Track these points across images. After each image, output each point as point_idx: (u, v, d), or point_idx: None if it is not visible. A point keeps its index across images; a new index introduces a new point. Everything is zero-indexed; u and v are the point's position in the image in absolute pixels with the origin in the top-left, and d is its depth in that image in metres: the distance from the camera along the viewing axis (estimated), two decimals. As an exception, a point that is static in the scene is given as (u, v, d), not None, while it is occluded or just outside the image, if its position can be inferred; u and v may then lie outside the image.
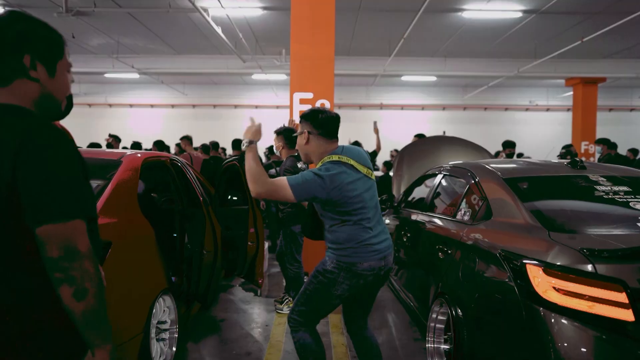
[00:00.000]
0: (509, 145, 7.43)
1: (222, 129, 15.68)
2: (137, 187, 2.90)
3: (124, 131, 16.24)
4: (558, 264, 1.97)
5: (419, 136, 7.45)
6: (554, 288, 1.94)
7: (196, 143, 9.61)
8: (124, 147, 8.90)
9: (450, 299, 2.69)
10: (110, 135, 7.94)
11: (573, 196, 2.68)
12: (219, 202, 4.75)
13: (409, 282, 3.82)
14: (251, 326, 3.97)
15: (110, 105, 17.51)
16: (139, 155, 3.25)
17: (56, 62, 1.27)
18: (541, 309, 1.97)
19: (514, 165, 3.19)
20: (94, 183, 2.69)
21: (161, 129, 16.34)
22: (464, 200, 3.08)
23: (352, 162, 2.40)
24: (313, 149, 2.51)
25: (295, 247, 4.25)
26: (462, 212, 3.03)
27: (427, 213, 3.68)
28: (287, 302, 4.27)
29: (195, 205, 3.30)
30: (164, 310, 3.00)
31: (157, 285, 2.87)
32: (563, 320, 1.90)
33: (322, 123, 2.48)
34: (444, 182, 3.71)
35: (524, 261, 2.08)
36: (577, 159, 2.90)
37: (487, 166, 3.10)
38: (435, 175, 3.97)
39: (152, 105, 17.43)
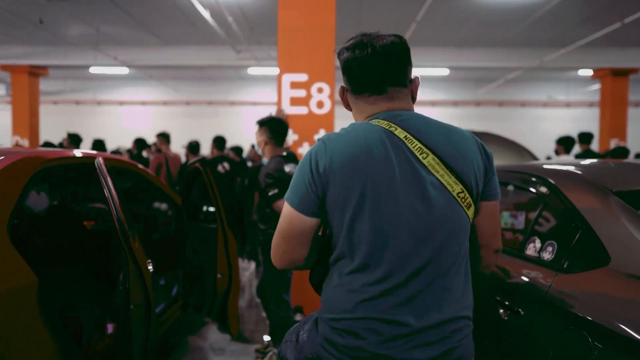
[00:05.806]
0: (569, 142, 5.63)
1: (218, 126, 14.60)
2: (11, 206, 1.80)
3: (115, 130, 15.27)
4: None
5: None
6: None
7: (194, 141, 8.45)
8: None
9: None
10: (68, 135, 6.57)
11: None
12: (186, 216, 3.72)
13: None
14: (219, 394, 2.86)
15: (98, 103, 16.47)
16: (39, 154, 2.16)
17: None
18: None
19: (617, 170, 2.05)
20: None
21: (153, 127, 15.26)
22: (537, 225, 1.96)
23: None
24: (355, 116, 1.41)
25: (281, 283, 3.09)
26: (536, 245, 1.91)
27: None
28: (272, 356, 3.14)
29: (112, 231, 2.19)
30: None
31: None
32: None
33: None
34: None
35: None
36: None
37: (572, 169, 1.98)
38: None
39: (142, 103, 16.36)
